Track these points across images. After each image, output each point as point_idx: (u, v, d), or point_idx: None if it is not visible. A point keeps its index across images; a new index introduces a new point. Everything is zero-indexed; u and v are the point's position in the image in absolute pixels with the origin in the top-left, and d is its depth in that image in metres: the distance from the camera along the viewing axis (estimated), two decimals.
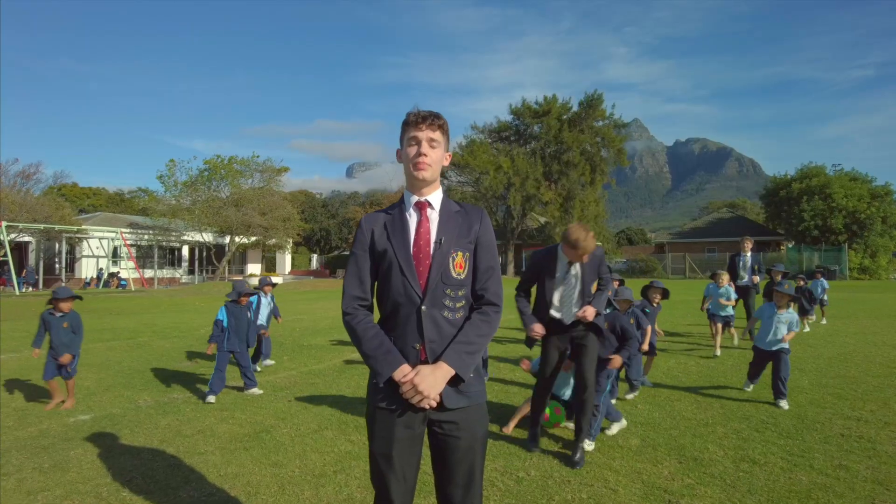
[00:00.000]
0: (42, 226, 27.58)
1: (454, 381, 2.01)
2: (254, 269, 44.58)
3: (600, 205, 44.27)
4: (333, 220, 59.42)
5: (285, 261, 47.16)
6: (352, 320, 2.09)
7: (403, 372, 1.97)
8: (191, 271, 39.48)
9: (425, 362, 2.01)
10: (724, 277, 9.54)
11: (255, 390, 6.30)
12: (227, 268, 38.01)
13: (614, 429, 4.82)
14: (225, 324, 6.12)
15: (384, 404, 2.02)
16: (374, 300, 2.18)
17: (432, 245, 2.07)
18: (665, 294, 7.37)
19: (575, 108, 43.75)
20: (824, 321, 12.14)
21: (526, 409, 4.92)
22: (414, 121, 2.08)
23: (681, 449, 4.37)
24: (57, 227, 28.50)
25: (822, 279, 12.66)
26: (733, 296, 9.11)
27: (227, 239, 36.42)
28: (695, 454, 4.23)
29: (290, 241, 41.91)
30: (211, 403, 5.87)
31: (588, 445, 4.39)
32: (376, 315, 2.17)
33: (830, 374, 6.86)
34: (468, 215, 2.17)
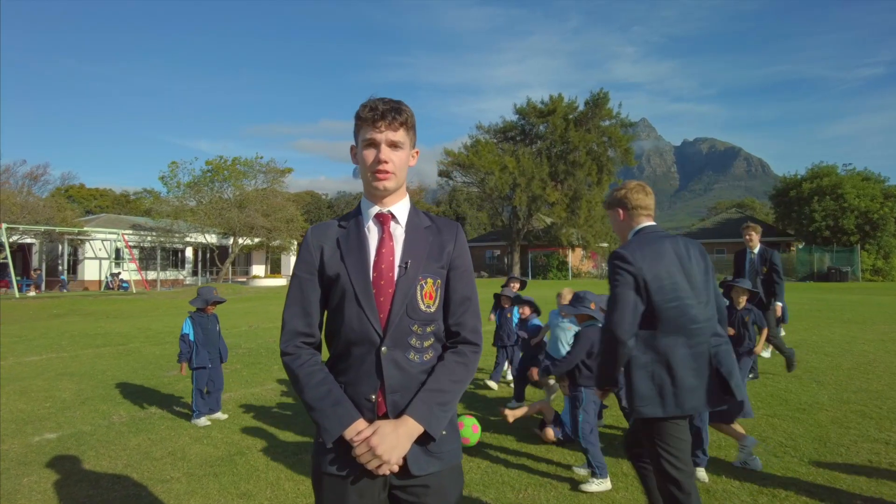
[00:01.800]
0: (42, 227, 27.39)
1: (422, 440, 1.60)
2: (258, 270, 44.31)
3: None
4: None
5: (290, 262, 46.91)
6: (292, 362, 1.67)
7: (357, 429, 1.56)
8: (194, 273, 39.27)
9: (385, 417, 1.61)
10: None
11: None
12: (230, 269, 37.76)
13: (593, 486, 3.76)
14: (192, 337, 5.55)
15: (334, 468, 1.61)
16: (323, 336, 1.78)
17: (396, 269, 1.66)
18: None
19: (581, 108, 43.26)
20: (767, 353, 8.35)
21: (537, 409, 4.86)
22: (370, 117, 1.65)
23: None
24: (58, 228, 28.32)
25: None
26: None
27: (231, 240, 36.19)
28: (706, 485, 3.82)
29: (295, 242, 41.64)
30: (207, 426, 5.37)
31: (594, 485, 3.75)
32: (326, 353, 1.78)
33: (851, 388, 6.41)
34: (440, 232, 1.76)
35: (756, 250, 7.03)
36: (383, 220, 1.72)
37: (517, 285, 7.34)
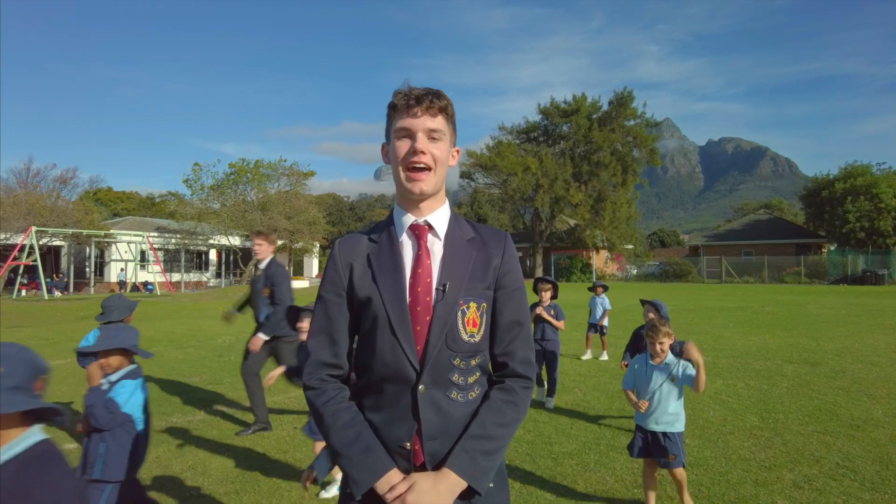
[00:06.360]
0: (70, 230, 27.88)
1: (466, 495, 1.37)
2: None
3: (632, 206, 43.05)
4: (360, 222, 59.62)
5: (313, 264, 47.14)
6: (317, 398, 1.46)
7: (390, 482, 1.34)
8: (218, 275, 39.64)
9: (422, 468, 1.39)
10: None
11: None
12: (253, 271, 38.06)
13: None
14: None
15: None
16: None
17: (434, 292, 1.43)
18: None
19: (605, 107, 42.66)
20: (605, 355, 9.07)
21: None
22: (405, 104, 1.43)
23: (742, 503, 3.67)
24: (85, 231, 28.80)
25: (603, 296, 9.40)
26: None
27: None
28: None
29: (317, 244, 41.82)
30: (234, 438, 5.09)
31: None
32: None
33: None
34: (486, 245, 1.51)
35: (263, 263, 5.42)
36: (419, 233, 1.49)
37: (549, 292, 6.24)
